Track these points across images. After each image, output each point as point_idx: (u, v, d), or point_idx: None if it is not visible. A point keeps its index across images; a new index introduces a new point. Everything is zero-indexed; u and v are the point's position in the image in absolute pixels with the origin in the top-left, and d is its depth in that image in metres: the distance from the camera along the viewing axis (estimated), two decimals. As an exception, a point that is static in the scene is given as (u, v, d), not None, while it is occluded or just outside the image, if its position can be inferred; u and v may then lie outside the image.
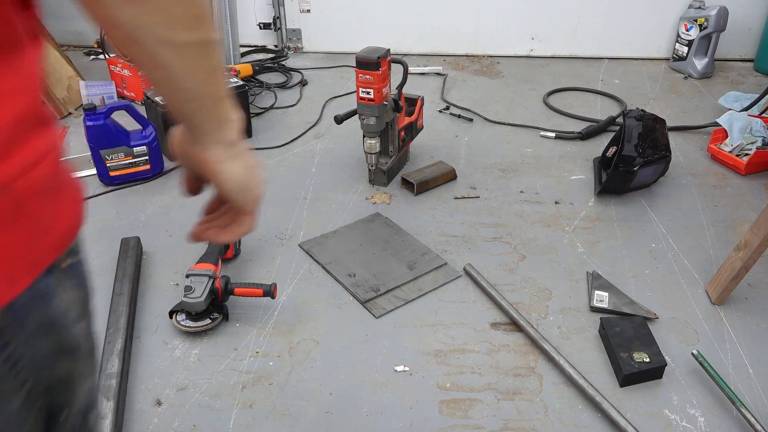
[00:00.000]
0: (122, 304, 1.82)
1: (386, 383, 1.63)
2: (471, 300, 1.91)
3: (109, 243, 2.17)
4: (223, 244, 2.00)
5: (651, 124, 2.29)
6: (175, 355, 1.73)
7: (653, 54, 3.84)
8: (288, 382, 1.64)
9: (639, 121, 2.27)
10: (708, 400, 1.56)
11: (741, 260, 1.78)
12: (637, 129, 2.26)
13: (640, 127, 2.27)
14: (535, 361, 1.69)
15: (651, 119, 2.30)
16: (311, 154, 2.79)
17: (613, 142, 2.49)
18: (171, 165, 2.70)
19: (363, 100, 2.27)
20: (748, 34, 3.60)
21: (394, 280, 1.98)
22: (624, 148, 2.25)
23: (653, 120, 2.31)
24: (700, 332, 1.77)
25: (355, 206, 2.39)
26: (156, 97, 2.67)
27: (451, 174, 2.53)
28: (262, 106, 3.26)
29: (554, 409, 1.55)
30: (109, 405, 1.50)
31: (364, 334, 1.79)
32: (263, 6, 4.00)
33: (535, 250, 2.12)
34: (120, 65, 3.28)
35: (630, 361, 1.61)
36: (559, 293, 1.93)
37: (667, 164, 2.38)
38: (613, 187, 2.34)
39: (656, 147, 2.28)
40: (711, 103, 3.16)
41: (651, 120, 2.30)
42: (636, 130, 2.26)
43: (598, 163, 2.56)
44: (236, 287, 1.82)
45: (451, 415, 1.54)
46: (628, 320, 1.75)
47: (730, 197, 2.40)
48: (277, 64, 3.83)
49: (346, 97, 3.37)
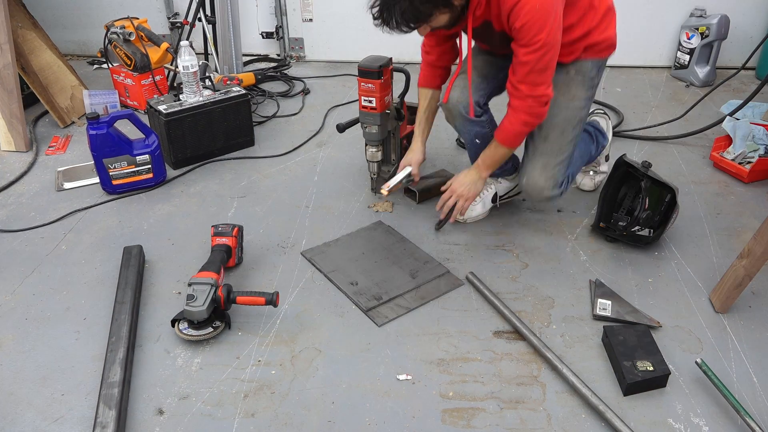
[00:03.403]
0: (124, 312, 1.82)
1: (389, 392, 1.62)
2: (474, 308, 1.91)
3: (112, 251, 2.17)
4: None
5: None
6: (177, 363, 1.72)
7: (655, 62, 3.85)
8: (290, 391, 1.63)
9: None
10: (712, 409, 1.55)
11: (744, 268, 1.77)
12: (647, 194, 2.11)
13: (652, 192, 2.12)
14: (538, 370, 1.68)
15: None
16: (313, 162, 2.80)
17: (622, 181, 2.23)
18: (173, 173, 2.70)
19: (365, 109, 2.27)
20: (750, 43, 3.60)
21: (397, 288, 1.98)
22: (640, 221, 2.10)
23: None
24: (703, 341, 1.76)
25: (358, 214, 2.39)
26: (159, 107, 2.68)
27: (454, 182, 2.53)
28: (264, 114, 3.27)
29: (557, 418, 1.54)
30: (110, 414, 1.49)
31: (366, 342, 1.78)
32: (266, 15, 4.02)
33: (538, 259, 2.12)
34: (123, 74, 3.29)
35: (633, 369, 1.60)
36: (562, 302, 1.92)
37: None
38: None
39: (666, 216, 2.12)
40: (712, 111, 3.16)
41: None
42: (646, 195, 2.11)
43: (602, 198, 2.24)
44: (238, 296, 1.82)
45: (454, 425, 1.53)
46: (631, 329, 1.74)
47: (733, 205, 2.40)
48: (279, 73, 3.84)
49: (349, 106, 3.38)
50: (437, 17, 1.76)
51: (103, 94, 3.29)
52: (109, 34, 3.23)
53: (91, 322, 1.88)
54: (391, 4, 1.68)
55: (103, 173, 2.49)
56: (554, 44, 1.80)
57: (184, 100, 2.73)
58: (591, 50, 2.02)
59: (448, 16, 1.78)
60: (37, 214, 2.43)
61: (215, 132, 2.80)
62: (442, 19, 1.78)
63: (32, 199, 2.55)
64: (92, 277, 2.08)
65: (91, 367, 1.71)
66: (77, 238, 2.28)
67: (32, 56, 3.18)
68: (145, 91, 3.27)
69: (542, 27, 1.74)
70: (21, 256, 2.19)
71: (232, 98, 2.81)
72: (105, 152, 2.44)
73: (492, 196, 2.33)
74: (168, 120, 2.65)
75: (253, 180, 2.66)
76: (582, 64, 2.03)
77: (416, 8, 1.68)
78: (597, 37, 1.99)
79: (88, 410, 1.57)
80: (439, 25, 1.81)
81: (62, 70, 3.33)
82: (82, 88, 3.35)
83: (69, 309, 1.93)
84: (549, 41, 1.77)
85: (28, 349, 1.79)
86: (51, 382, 1.67)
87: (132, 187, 2.55)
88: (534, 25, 1.74)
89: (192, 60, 2.67)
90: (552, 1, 1.74)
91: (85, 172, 2.72)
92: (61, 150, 2.96)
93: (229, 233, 2.04)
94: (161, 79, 3.33)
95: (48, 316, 1.91)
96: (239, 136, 2.90)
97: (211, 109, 2.76)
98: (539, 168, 2.09)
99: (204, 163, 2.80)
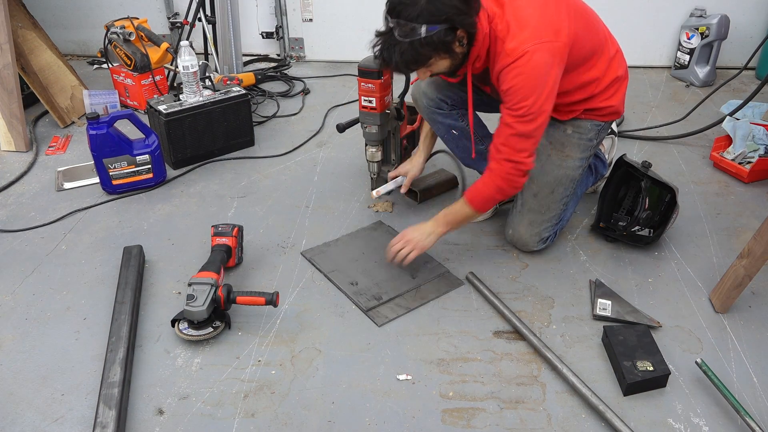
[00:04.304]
0: (124, 312, 1.82)
1: (389, 392, 1.62)
2: (474, 308, 1.91)
3: (112, 251, 2.17)
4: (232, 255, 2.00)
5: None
6: (177, 363, 1.72)
7: (655, 62, 3.85)
8: (290, 391, 1.63)
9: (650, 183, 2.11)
10: (712, 409, 1.55)
11: (744, 268, 1.77)
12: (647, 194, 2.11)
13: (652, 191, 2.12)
14: (538, 370, 1.68)
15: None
16: (313, 162, 2.80)
17: (623, 181, 2.23)
18: (173, 173, 2.70)
19: (365, 109, 2.27)
20: (750, 43, 3.60)
21: (397, 288, 1.98)
22: (640, 221, 2.10)
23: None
24: (703, 341, 1.76)
25: (358, 214, 2.39)
26: (159, 107, 2.68)
27: (453, 182, 2.53)
28: (264, 114, 3.27)
29: (557, 418, 1.54)
30: (110, 414, 1.49)
31: (366, 342, 1.78)
32: (266, 15, 4.02)
33: (538, 259, 2.12)
34: (123, 74, 3.29)
35: (633, 369, 1.60)
36: (562, 302, 1.92)
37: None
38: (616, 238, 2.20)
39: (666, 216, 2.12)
40: (712, 111, 3.16)
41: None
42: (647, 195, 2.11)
43: (602, 198, 2.26)
44: (238, 296, 1.82)
45: (454, 425, 1.53)
46: (631, 329, 1.74)
47: (733, 205, 2.40)
48: (279, 73, 3.84)
49: (349, 106, 3.38)
50: (437, 62, 1.74)
51: (103, 94, 3.29)
52: (109, 34, 3.23)
53: (91, 322, 1.88)
54: (391, 44, 1.67)
55: (103, 173, 2.49)
56: (540, 113, 1.73)
57: (184, 100, 2.73)
58: (592, 113, 1.99)
59: (448, 62, 1.76)
60: (37, 214, 2.43)
61: (215, 132, 2.80)
62: (442, 64, 1.76)
63: (32, 199, 2.55)
64: (92, 277, 2.08)
65: (91, 367, 1.71)
66: (77, 238, 2.28)
67: (32, 56, 3.18)
68: (145, 91, 3.27)
69: (528, 94, 1.70)
70: (21, 256, 2.19)
71: (232, 98, 2.81)
72: (105, 152, 2.44)
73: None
74: (168, 120, 2.65)
75: (253, 180, 2.66)
76: (581, 123, 2.00)
77: (416, 50, 1.66)
78: (599, 104, 1.96)
79: (88, 410, 1.57)
80: (440, 70, 1.79)
81: (62, 70, 3.33)
82: (82, 88, 3.35)
83: (69, 309, 1.93)
84: (534, 110, 1.71)
85: (28, 349, 1.79)
86: (51, 382, 1.67)
87: (132, 187, 2.55)
88: (520, 91, 1.70)
89: (192, 60, 2.67)
90: (545, 69, 1.69)
91: (85, 172, 2.72)
92: (61, 150, 2.96)
93: (229, 233, 2.04)
94: (161, 79, 3.33)
95: (48, 316, 1.91)
96: (239, 136, 2.90)
97: (211, 109, 2.76)
98: (525, 224, 2.08)
99: (204, 163, 2.80)
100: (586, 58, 1.87)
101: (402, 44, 1.66)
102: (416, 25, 1.62)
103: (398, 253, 1.96)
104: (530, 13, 1.72)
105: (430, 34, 1.63)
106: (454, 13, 1.64)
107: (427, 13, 1.62)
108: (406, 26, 1.63)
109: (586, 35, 1.84)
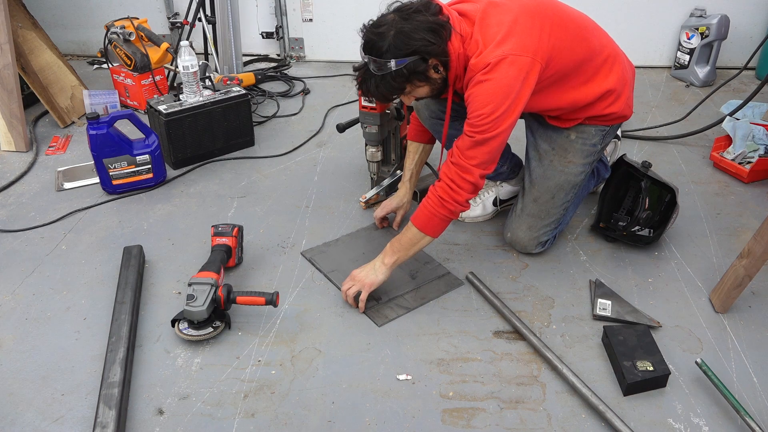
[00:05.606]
0: (124, 312, 1.82)
1: (389, 392, 1.62)
2: (473, 308, 1.91)
3: (112, 251, 2.17)
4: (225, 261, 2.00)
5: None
6: (177, 363, 1.72)
7: (655, 62, 3.85)
8: (290, 391, 1.63)
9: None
10: (712, 409, 1.55)
11: (744, 268, 1.77)
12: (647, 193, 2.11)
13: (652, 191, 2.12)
14: (538, 370, 1.68)
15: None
16: (313, 162, 2.80)
17: (623, 181, 2.23)
18: (173, 173, 2.70)
19: (365, 109, 2.27)
20: (750, 43, 3.60)
21: (397, 288, 1.98)
22: (640, 221, 2.10)
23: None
24: (703, 341, 1.76)
25: (358, 214, 2.39)
26: (159, 107, 2.68)
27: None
28: (264, 114, 3.27)
29: (557, 418, 1.54)
30: (110, 414, 1.49)
31: (366, 342, 1.79)
32: (266, 15, 4.02)
33: (538, 259, 2.12)
34: (123, 74, 3.29)
35: (633, 369, 1.60)
36: (562, 302, 1.93)
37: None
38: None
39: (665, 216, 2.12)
40: (712, 111, 3.16)
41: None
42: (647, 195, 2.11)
43: (602, 198, 2.27)
44: (238, 296, 1.82)
45: (454, 425, 1.53)
46: (631, 329, 1.74)
47: (733, 205, 2.40)
48: (279, 73, 3.84)
49: (349, 106, 3.38)
50: (414, 90, 1.78)
51: (103, 94, 3.29)
52: (109, 34, 3.23)
53: (91, 322, 1.88)
54: (368, 77, 1.75)
55: (103, 173, 2.49)
56: (498, 124, 1.69)
57: (184, 100, 2.73)
58: (596, 120, 1.96)
59: (428, 88, 1.79)
60: (37, 214, 2.43)
61: (215, 132, 2.80)
62: (422, 91, 1.80)
63: (32, 199, 2.55)
64: (92, 277, 2.08)
65: (91, 367, 1.71)
66: (77, 238, 2.28)
67: (32, 56, 3.18)
68: (145, 91, 3.27)
69: (486, 103, 1.68)
70: (21, 256, 2.19)
71: (232, 98, 2.81)
72: (105, 152, 2.44)
73: (492, 199, 2.32)
74: (168, 120, 2.65)
75: (253, 180, 2.66)
76: (585, 128, 1.97)
77: (388, 83, 1.72)
78: (602, 112, 1.93)
79: (88, 410, 1.57)
80: (422, 95, 1.83)
81: (62, 70, 3.33)
82: (82, 88, 3.35)
83: (69, 309, 1.93)
84: (491, 120, 1.68)
85: (28, 349, 1.79)
86: (51, 382, 1.67)
87: (132, 187, 2.55)
88: (477, 99, 1.69)
89: (192, 60, 2.67)
90: (506, 81, 1.67)
91: (85, 172, 2.72)
92: (61, 150, 2.96)
93: (229, 233, 2.04)
94: (161, 79, 3.33)
95: (48, 316, 1.91)
96: (239, 136, 2.90)
97: (211, 109, 2.76)
98: (525, 227, 2.08)
99: (204, 163, 2.80)
100: (575, 68, 1.84)
101: (376, 77, 1.72)
102: (385, 60, 1.68)
103: (347, 294, 1.90)
104: (497, 31, 1.71)
105: (399, 67, 1.68)
106: (422, 45, 1.67)
107: (394, 47, 1.67)
108: (377, 61, 1.69)
109: (570, 46, 1.80)
